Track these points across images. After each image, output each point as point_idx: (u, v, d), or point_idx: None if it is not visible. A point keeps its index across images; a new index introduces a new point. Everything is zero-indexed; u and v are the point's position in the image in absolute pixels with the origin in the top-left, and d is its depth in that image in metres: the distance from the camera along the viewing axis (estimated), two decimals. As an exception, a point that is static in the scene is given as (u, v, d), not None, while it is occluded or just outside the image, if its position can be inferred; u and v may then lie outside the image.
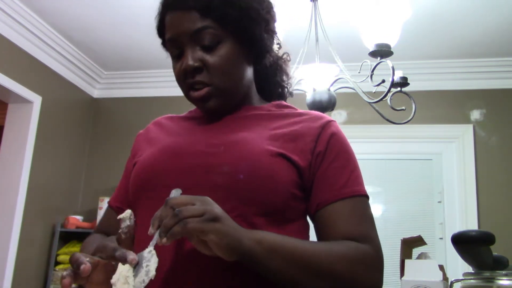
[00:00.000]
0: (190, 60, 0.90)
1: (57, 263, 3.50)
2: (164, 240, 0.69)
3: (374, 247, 0.86)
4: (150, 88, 3.94)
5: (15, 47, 3.21)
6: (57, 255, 3.51)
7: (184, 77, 0.93)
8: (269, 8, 0.99)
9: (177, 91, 1.00)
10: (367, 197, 0.91)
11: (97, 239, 0.96)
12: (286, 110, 0.99)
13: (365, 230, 0.87)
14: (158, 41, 0.99)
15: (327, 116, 0.97)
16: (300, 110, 0.99)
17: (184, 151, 0.90)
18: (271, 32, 1.00)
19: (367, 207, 0.91)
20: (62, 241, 3.59)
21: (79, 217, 3.65)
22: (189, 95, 0.94)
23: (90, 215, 3.75)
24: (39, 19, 3.24)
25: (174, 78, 0.97)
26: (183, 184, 0.84)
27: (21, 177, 3.25)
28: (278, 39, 1.06)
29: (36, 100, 3.39)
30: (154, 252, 0.73)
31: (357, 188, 0.89)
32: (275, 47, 1.05)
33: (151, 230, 0.72)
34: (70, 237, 3.64)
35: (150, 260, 0.73)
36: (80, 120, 3.93)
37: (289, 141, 0.89)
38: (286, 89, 1.10)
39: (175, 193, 0.81)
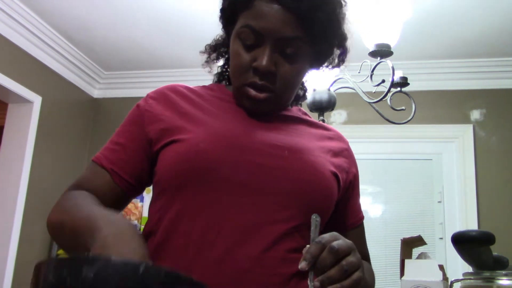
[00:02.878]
0: (268, 62, 0.84)
1: (57, 263, 3.50)
2: None
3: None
4: (150, 88, 3.88)
5: (15, 47, 3.21)
6: (57, 255, 3.51)
7: (252, 74, 0.86)
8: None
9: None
10: None
11: (90, 206, 0.79)
12: (311, 119, 1.01)
13: (368, 251, 1.02)
14: (158, 41, 0.97)
15: (342, 135, 1.02)
16: (319, 122, 1.03)
17: (244, 145, 0.84)
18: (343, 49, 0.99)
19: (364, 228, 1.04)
20: (62, 241, 3.59)
21: (79, 217, 3.65)
22: (245, 90, 0.88)
23: (90, 215, 3.75)
24: (39, 19, 3.24)
25: (174, 79, 0.95)
26: (245, 182, 0.81)
27: (21, 176, 3.25)
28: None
29: (36, 100, 3.39)
30: None
31: (363, 213, 1.02)
32: None
33: (304, 265, 0.69)
34: (70, 237, 3.64)
35: None
36: (80, 120, 3.93)
37: (333, 157, 0.93)
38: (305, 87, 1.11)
39: (315, 220, 0.76)
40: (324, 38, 0.88)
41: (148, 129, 0.89)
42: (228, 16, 0.92)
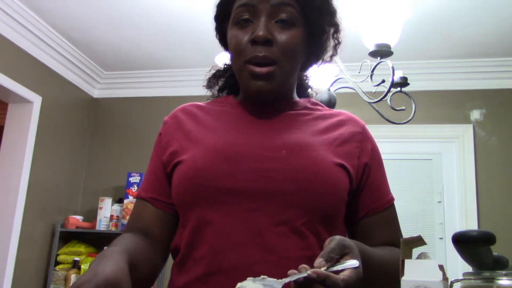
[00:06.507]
0: (264, 31, 0.86)
1: (57, 263, 3.50)
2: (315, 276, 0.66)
3: None
4: (150, 88, 3.94)
5: (15, 47, 3.21)
6: (57, 255, 3.51)
7: (250, 47, 0.87)
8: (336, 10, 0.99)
9: (177, 91, 0.99)
10: None
11: (116, 250, 0.75)
12: (322, 109, 0.99)
13: (400, 236, 0.96)
14: (158, 41, 0.98)
15: (358, 118, 0.99)
16: (331, 110, 1.00)
17: (241, 154, 0.86)
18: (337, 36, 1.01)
19: (396, 212, 0.99)
20: (62, 241, 3.59)
21: (79, 217, 3.65)
22: (249, 68, 0.88)
23: (90, 215, 3.75)
24: (39, 19, 3.24)
25: (173, 79, 0.95)
26: (246, 190, 0.83)
27: (21, 177, 3.25)
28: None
29: (36, 100, 3.39)
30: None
31: (392, 195, 0.98)
32: None
33: (322, 263, 0.67)
34: (70, 237, 3.64)
35: None
36: (80, 120, 3.93)
37: (339, 146, 0.91)
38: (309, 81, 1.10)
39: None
40: (313, 8, 0.91)
41: (163, 156, 0.94)
42: (223, 11, 0.95)
